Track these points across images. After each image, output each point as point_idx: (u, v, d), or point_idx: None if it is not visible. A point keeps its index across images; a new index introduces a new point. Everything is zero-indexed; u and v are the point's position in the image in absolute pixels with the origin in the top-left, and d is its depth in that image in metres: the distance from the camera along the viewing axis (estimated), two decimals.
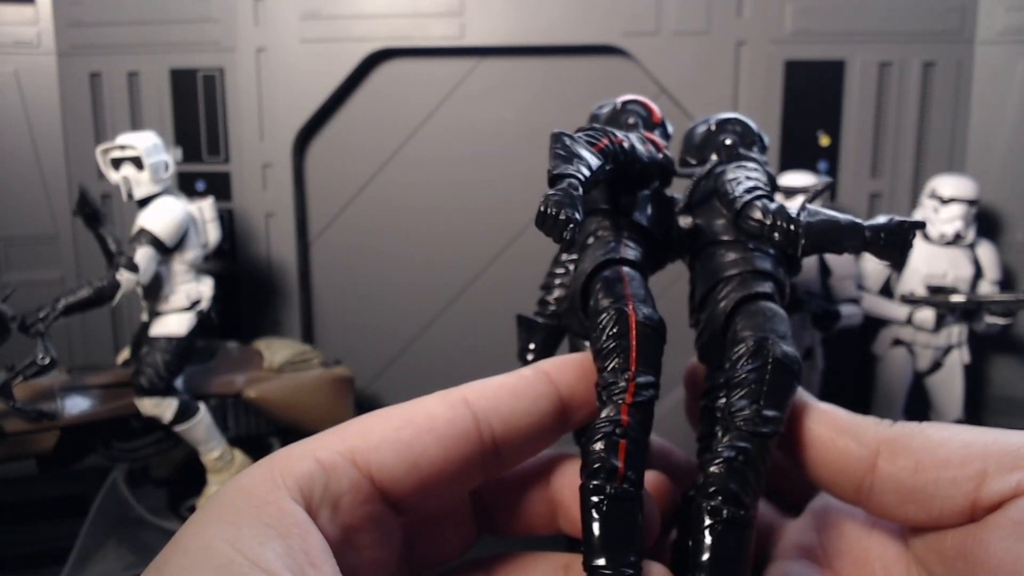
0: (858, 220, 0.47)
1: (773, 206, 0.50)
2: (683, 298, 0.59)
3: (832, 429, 0.39)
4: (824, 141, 1.49)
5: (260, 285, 1.63)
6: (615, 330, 0.42)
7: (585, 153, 0.44)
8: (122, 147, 1.24)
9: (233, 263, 1.62)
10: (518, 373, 0.41)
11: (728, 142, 0.64)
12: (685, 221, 0.56)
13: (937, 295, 1.34)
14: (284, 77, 1.55)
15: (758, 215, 0.50)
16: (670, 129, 0.73)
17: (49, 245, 1.63)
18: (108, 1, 1.55)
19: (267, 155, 1.59)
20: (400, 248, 1.64)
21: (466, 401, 0.37)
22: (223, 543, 0.29)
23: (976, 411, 1.48)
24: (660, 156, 0.57)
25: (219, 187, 1.59)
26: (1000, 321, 1.32)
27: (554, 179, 0.42)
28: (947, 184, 1.34)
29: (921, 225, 0.45)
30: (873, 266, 1.42)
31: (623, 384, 0.40)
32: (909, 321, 1.37)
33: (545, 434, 0.40)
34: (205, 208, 1.35)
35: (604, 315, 0.43)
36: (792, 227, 0.47)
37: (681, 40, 1.47)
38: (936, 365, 1.40)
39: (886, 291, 1.42)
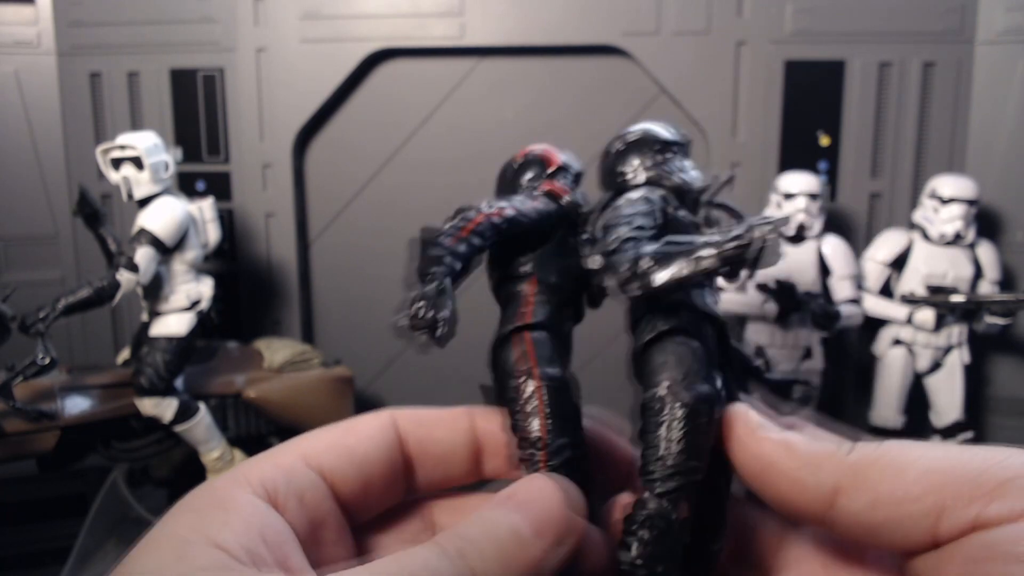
0: (703, 242, 0.43)
1: (621, 266, 0.44)
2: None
3: (792, 461, 0.38)
4: (824, 141, 1.49)
5: (260, 285, 1.63)
6: (521, 398, 0.43)
7: (452, 243, 0.46)
8: (122, 147, 1.24)
9: (233, 263, 1.62)
10: (449, 408, 0.44)
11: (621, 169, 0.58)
12: (593, 261, 0.52)
13: (937, 295, 1.34)
14: (284, 77, 1.55)
15: (607, 283, 0.46)
16: (576, 166, 0.70)
17: (49, 245, 1.63)
18: (108, 1, 1.55)
19: (267, 155, 1.58)
20: (400, 248, 1.63)
21: (393, 418, 0.41)
22: (185, 529, 0.32)
23: (976, 411, 1.48)
24: (556, 206, 0.56)
25: (219, 187, 1.58)
26: (1000, 321, 1.32)
27: (421, 277, 0.43)
28: (947, 184, 1.34)
29: (783, 221, 0.42)
30: (873, 266, 1.42)
31: (537, 456, 0.41)
32: (909, 321, 1.37)
33: (456, 469, 0.42)
34: (205, 208, 1.35)
35: (510, 383, 0.44)
36: (638, 285, 0.43)
37: (681, 40, 1.47)
38: (936, 365, 1.40)
39: (886, 291, 1.42)
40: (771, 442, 0.39)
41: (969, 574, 0.30)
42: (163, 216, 1.23)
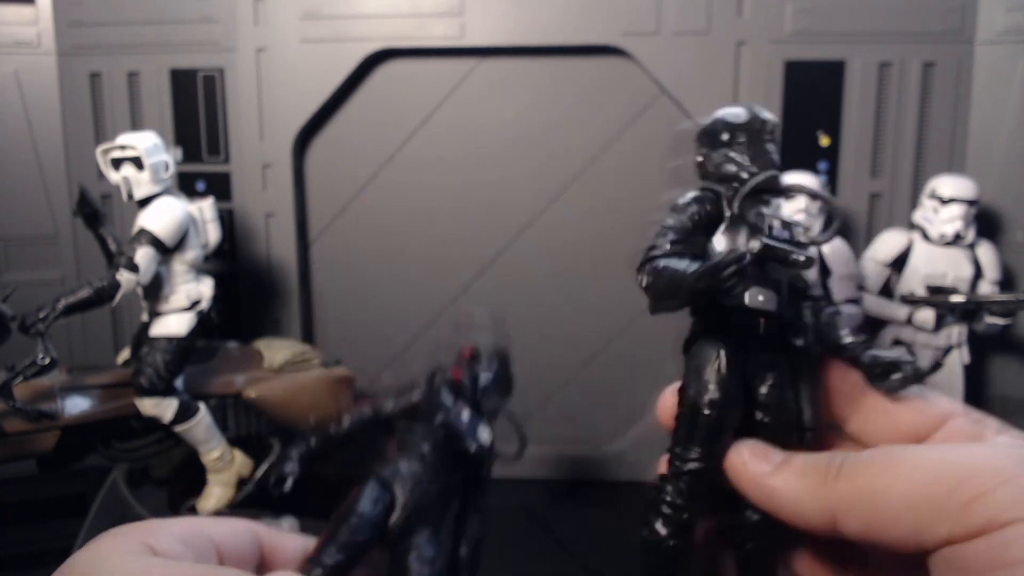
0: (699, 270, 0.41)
1: (643, 276, 0.44)
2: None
3: (787, 495, 0.40)
4: (824, 141, 1.49)
5: (260, 285, 1.63)
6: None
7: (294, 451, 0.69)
8: (122, 147, 1.24)
9: (233, 263, 1.62)
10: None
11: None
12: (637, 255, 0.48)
13: (937, 295, 1.34)
14: (284, 77, 1.55)
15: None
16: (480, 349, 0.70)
17: (49, 245, 1.63)
18: (108, 1, 1.55)
19: (267, 155, 1.58)
20: (400, 248, 1.64)
21: (247, 523, 0.46)
22: (118, 534, 0.37)
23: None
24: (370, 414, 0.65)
25: (219, 187, 1.59)
26: (1000, 321, 1.32)
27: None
28: (947, 184, 1.34)
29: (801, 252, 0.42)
30: (873, 266, 1.42)
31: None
32: (909, 321, 1.37)
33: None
34: (205, 208, 1.35)
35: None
36: (652, 295, 0.43)
37: (681, 40, 1.47)
38: (936, 365, 1.40)
39: (886, 291, 1.42)
40: (765, 478, 0.41)
41: None
42: (163, 216, 1.23)
